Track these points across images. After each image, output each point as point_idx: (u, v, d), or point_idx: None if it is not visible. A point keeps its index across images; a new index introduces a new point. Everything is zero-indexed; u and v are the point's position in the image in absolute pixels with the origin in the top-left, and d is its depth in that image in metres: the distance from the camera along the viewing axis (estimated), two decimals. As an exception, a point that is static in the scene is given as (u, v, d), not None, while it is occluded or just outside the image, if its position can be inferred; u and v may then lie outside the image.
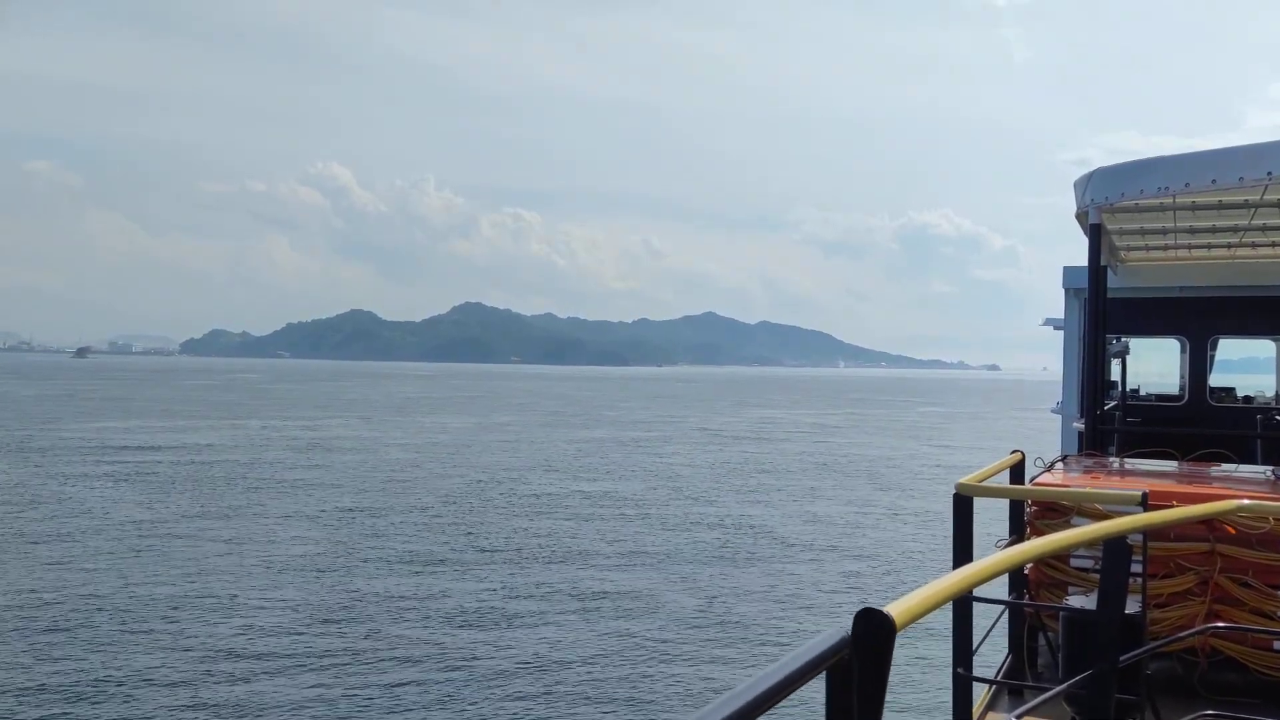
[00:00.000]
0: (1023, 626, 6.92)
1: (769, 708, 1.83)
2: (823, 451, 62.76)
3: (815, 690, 2.10)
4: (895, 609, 2.29)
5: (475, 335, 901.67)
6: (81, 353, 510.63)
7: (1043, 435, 13.89)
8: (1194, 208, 9.85)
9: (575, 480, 44.99)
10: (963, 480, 5.96)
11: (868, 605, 2.23)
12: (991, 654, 6.99)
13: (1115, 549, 4.31)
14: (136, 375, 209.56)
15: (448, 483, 43.29)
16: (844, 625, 2.18)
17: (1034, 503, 6.95)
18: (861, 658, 2.15)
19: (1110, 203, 8.99)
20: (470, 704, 16.53)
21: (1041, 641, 6.93)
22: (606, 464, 52.44)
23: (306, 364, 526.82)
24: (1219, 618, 6.22)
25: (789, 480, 47.03)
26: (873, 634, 2.17)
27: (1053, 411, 15.84)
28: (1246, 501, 5.95)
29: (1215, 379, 13.90)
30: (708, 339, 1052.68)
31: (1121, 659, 4.56)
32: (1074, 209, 9.51)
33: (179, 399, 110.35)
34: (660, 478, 47.18)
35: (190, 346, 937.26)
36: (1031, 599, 6.75)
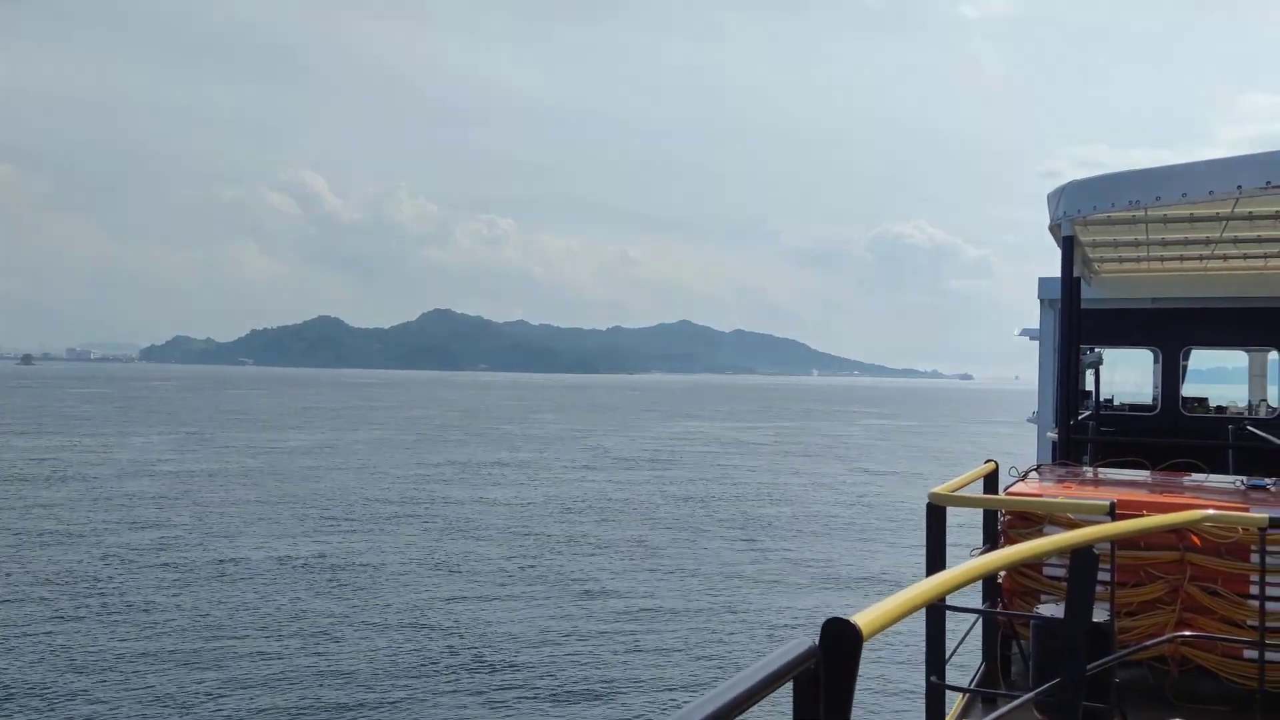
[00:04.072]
0: (996, 635, 6.92)
1: (735, 717, 1.82)
2: (708, 479, 51.32)
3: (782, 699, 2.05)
4: (862, 618, 2.29)
5: (443, 343, 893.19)
6: (27, 359, 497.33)
7: (989, 453, 9.27)
8: (1165, 220, 9.89)
9: (294, 536, 32.11)
10: (935, 489, 6.01)
11: (835, 615, 2.21)
12: (969, 663, 7.08)
13: (1082, 558, 4.32)
14: (35, 382, 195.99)
15: (128, 532, 31.55)
16: (812, 634, 2.15)
17: (1007, 512, 6.95)
18: (828, 667, 2.15)
19: (1083, 215, 9.04)
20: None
21: (1015, 650, 6.90)
22: (402, 502, 40.60)
23: (261, 371, 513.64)
24: (1189, 626, 6.24)
25: (615, 529, 35.32)
26: (840, 643, 2.17)
27: (1028, 421, 15.72)
28: (1213, 511, 6.00)
29: (1188, 389, 13.80)
30: (682, 347, 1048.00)
31: (1090, 667, 4.57)
32: (1047, 221, 9.61)
33: (8, 412, 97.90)
34: (437, 523, 35.39)
35: (151, 353, 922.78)
36: (1006, 607, 6.74)
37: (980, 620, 6.94)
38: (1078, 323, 9.89)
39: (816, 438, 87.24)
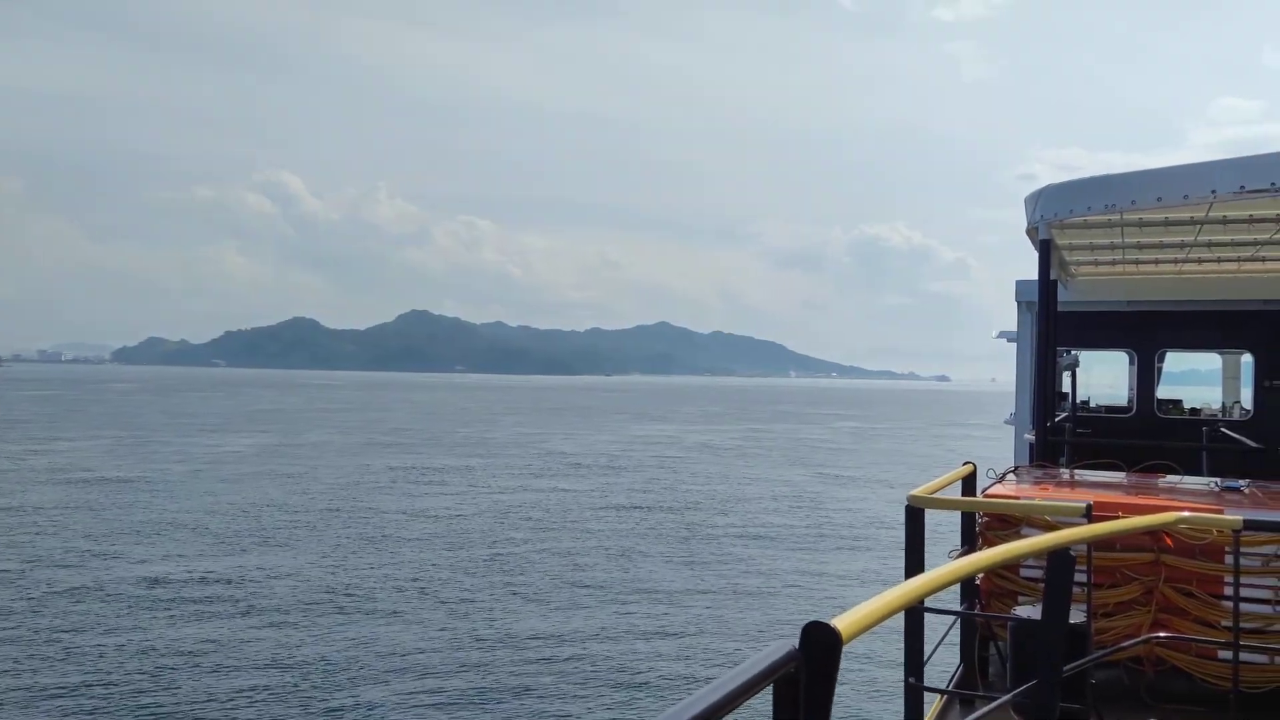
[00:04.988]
0: (974, 636, 6.95)
1: None
2: (662, 486, 48.49)
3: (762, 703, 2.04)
4: (842, 622, 2.32)
5: (420, 344, 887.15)
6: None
7: (964, 457, 8.94)
8: (1141, 224, 9.94)
9: (184, 554, 28.22)
10: (914, 492, 6.02)
11: (815, 618, 2.21)
12: (947, 664, 7.07)
13: (1059, 559, 4.34)
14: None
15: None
16: (791, 638, 2.16)
17: (985, 514, 6.96)
18: (808, 670, 2.16)
19: (1059, 219, 9.11)
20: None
21: (993, 651, 6.92)
22: (321, 512, 37.42)
23: (232, 373, 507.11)
24: (1164, 627, 6.29)
25: (547, 541, 32.34)
26: (819, 646, 2.19)
27: (1006, 423, 15.44)
28: (1188, 513, 6.00)
29: (1163, 391, 13.85)
30: (661, 349, 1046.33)
31: (1066, 668, 4.60)
32: (1024, 224, 9.63)
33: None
34: (350, 538, 32.29)
35: (123, 355, 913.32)
36: (983, 609, 6.77)
37: (958, 622, 6.96)
38: (1054, 325, 9.89)
39: (785, 441, 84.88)
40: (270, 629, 20.97)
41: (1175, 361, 14.44)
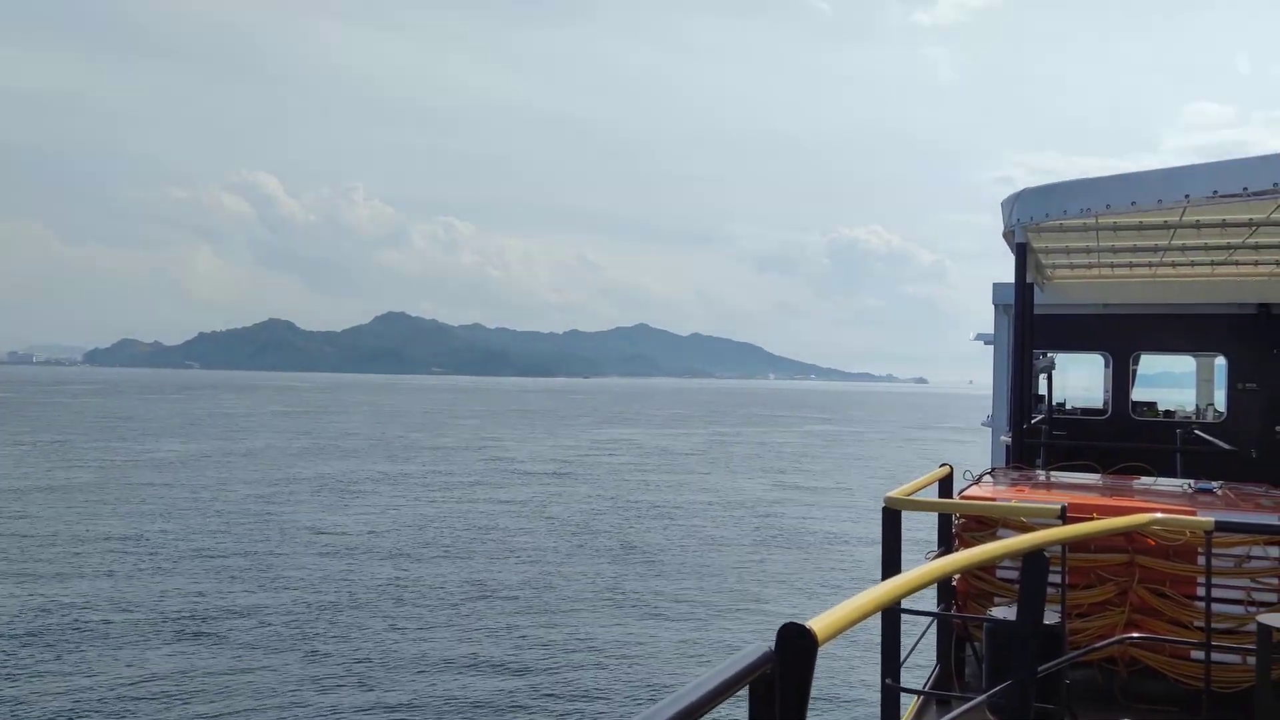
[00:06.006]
0: (950, 637, 6.93)
1: None
2: (605, 494, 45.18)
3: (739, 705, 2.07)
4: (818, 623, 2.32)
5: (396, 346, 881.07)
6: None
7: (931, 462, 10.04)
8: (1115, 228, 10.01)
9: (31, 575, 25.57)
10: (891, 494, 6.03)
11: (791, 620, 2.21)
12: (924, 665, 7.05)
13: (1033, 561, 4.35)
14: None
15: None
16: (767, 640, 2.16)
17: (961, 515, 6.99)
18: (784, 672, 2.16)
19: (1036, 222, 9.17)
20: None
21: (969, 652, 6.91)
22: (221, 526, 33.82)
23: (203, 375, 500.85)
24: (1138, 628, 6.32)
25: (466, 561, 28.86)
26: (795, 648, 2.18)
27: (983, 425, 15.65)
28: (1161, 514, 6.05)
29: (1137, 393, 13.91)
30: (639, 350, 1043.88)
31: (1041, 668, 4.58)
32: (1000, 227, 9.72)
33: None
34: (243, 560, 28.66)
35: (95, 357, 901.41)
36: (960, 610, 6.76)
37: (935, 623, 6.93)
38: (1031, 328, 9.93)
39: (751, 446, 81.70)
40: (118, 662, 18.16)
41: (1150, 364, 14.56)
